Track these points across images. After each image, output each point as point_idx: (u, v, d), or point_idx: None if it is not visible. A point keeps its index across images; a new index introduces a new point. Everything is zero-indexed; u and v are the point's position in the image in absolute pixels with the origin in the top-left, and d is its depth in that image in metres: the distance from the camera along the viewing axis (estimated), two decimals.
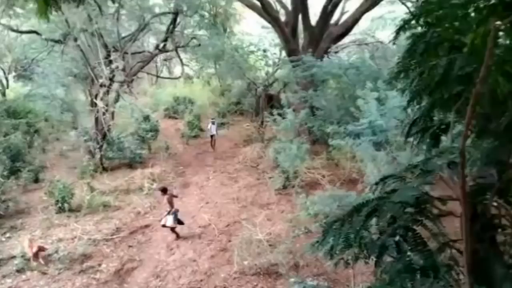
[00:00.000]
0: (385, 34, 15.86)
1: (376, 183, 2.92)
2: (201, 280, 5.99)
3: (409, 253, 2.32)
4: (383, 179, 2.89)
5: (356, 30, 14.65)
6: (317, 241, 2.75)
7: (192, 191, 9.87)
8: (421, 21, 2.40)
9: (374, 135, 6.79)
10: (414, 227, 2.35)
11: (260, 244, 6.56)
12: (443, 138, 2.84)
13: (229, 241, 7.10)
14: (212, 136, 13.25)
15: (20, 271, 6.39)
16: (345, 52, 16.76)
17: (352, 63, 10.80)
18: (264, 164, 10.70)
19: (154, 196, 9.26)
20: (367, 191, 6.88)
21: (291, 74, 12.15)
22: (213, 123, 13.14)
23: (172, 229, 7.37)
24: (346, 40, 15.29)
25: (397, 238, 2.36)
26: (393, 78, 2.91)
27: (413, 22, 2.42)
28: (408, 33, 2.54)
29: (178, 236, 7.36)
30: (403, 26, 2.45)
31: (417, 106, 2.81)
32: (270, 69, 16.00)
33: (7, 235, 7.63)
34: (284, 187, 9.13)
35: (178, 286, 5.90)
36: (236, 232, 7.33)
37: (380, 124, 6.83)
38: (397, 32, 2.50)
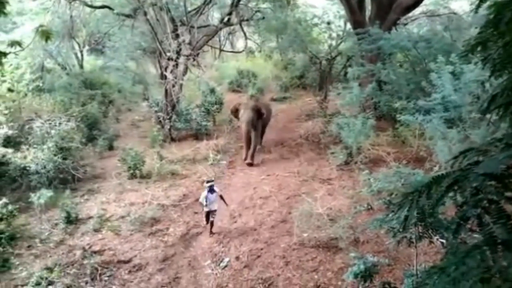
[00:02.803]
0: (459, 5, 14.75)
1: (455, 157, 2.80)
2: (261, 249, 6.21)
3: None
4: (464, 153, 2.76)
5: (427, 0, 13.72)
6: (390, 214, 2.70)
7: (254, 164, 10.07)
8: None
9: (447, 111, 6.45)
10: (498, 200, 2.24)
11: (320, 218, 6.62)
12: None
13: (289, 213, 7.22)
14: (208, 213, 6.76)
15: (96, 230, 7.02)
16: (415, 24, 15.83)
17: (423, 35, 10.20)
18: (326, 140, 10.60)
19: (218, 166, 9.61)
20: (435, 170, 6.62)
21: (356, 47, 11.74)
22: (210, 189, 6.63)
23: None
24: (416, 11, 14.34)
25: (478, 210, 2.26)
26: (469, 50, 2.74)
27: None
28: (489, 2, 2.37)
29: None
30: None
31: (498, 81, 2.63)
32: (334, 42, 15.56)
33: (85, 197, 8.36)
34: (346, 163, 9.02)
35: (239, 252, 6.16)
36: (296, 205, 7.42)
37: (453, 100, 6.47)
38: (481, 0, 2.34)
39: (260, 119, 10.32)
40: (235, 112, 10.70)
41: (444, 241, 4.62)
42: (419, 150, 8.54)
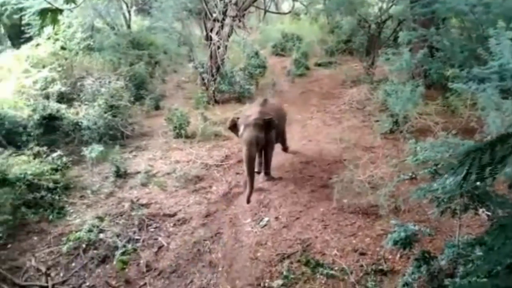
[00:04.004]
0: None
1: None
2: (301, 211, 6.31)
3: None
4: None
5: None
6: (435, 183, 2.66)
7: (295, 128, 10.04)
8: None
9: (503, 80, 6.06)
10: None
11: (360, 185, 6.59)
12: None
13: (329, 178, 7.21)
14: None
15: (144, 185, 7.39)
16: None
17: None
18: (371, 107, 10.35)
19: None
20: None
21: (408, 10, 11.13)
22: None
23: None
24: None
25: None
26: None
27: None
28: None
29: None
30: None
31: None
32: (384, 5, 14.81)
33: (133, 153, 8.75)
34: (391, 131, 8.80)
35: (279, 213, 6.31)
36: (337, 171, 7.39)
37: (511, 68, 6.06)
38: None
39: (270, 133, 6.98)
40: (233, 127, 7.16)
41: (490, 213, 4.52)
42: (470, 121, 8.18)
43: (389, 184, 6.21)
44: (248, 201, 6.48)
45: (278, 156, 8.18)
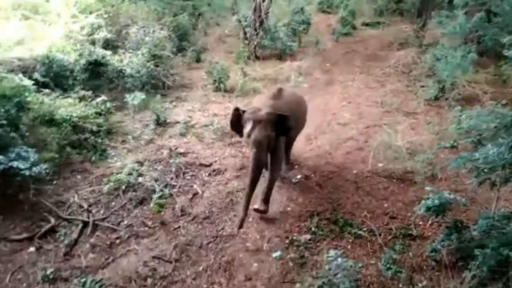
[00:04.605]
0: None
1: None
2: (334, 172, 6.32)
3: None
4: None
5: None
6: (476, 153, 2.58)
7: (336, 89, 9.87)
8: None
9: None
10: None
11: (398, 150, 6.49)
12: None
13: (366, 142, 7.15)
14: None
15: (182, 134, 7.58)
16: None
17: None
18: (417, 71, 9.93)
19: (299, 89, 9.57)
20: None
21: None
22: None
23: None
24: None
25: None
26: None
27: None
28: None
29: None
30: None
31: None
32: None
33: (174, 103, 8.92)
34: (436, 98, 8.47)
35: (311, 172, 6.34)
36: (375, 135, 7.30)
37: None
38: None
39: (283, 134, 5.32)
40: (236, 123, 5.39)
41: None
42: None
43: (428, 151, 6.07)
44: (241, 226, 5.00)
45: (315, 116, 8.10)
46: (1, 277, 4.57)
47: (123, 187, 5.98)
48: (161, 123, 7.79)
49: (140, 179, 6.10)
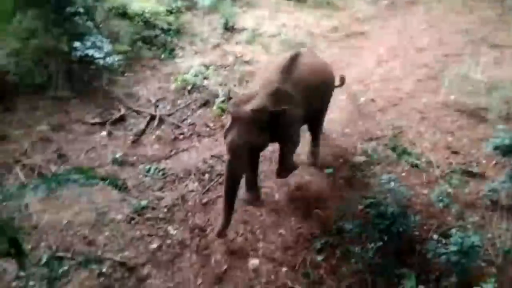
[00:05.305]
0: None
1: None
2: (401, 98, 6.06)
3: None
4: None
5: None
6: None
7: (418, 10, 8.99)
8: None
9: None
10: None
11: (475, 84, 6.02)
12: None
13: (442, 71, 6.65)
14: None
15: (248, 42, 7.51)
16: None
17: None
18: None
19: (377, 6, 8.90)
20: None
21: None
22: None
23: None
24: None
25: None
26: None
27: None
28: None
29: None
30: None
31: None
32: None
33: (243, 9, 8.69)
34: None
35: (377, 95, 6.14)
36: (452, 65, 6.74)
37: None
38: None
39: (280, 137, 3.97)
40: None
41: None
42: None
43: (508, 89, 5.60)
44: (220, 235, 3.83)
45: (391, 37, 7.59)
46: (77, 153, 5.13)
47: (189, 87, 6.22)
48: (229, 28, 7.73)
49: (205, 82, 6.28)
